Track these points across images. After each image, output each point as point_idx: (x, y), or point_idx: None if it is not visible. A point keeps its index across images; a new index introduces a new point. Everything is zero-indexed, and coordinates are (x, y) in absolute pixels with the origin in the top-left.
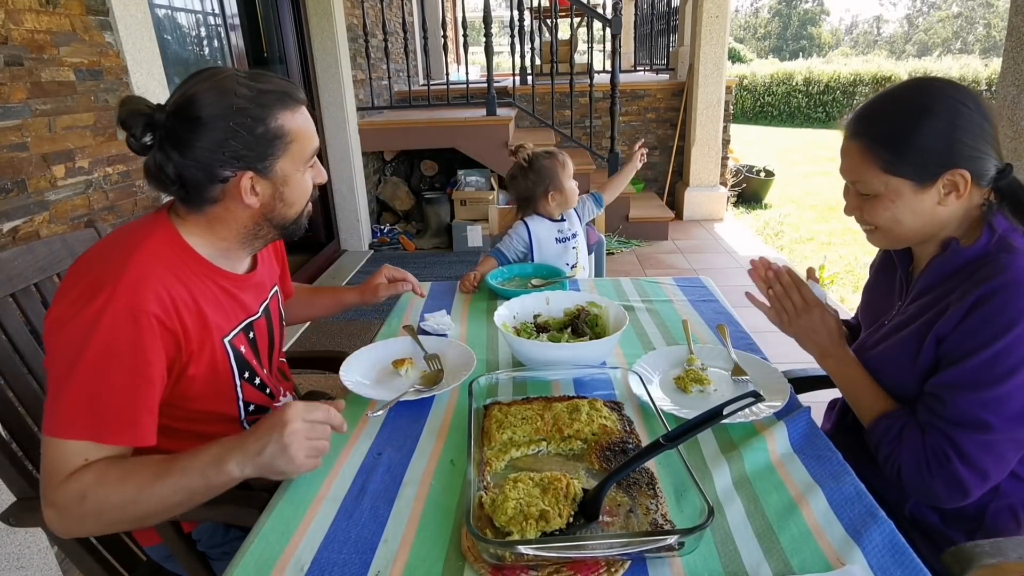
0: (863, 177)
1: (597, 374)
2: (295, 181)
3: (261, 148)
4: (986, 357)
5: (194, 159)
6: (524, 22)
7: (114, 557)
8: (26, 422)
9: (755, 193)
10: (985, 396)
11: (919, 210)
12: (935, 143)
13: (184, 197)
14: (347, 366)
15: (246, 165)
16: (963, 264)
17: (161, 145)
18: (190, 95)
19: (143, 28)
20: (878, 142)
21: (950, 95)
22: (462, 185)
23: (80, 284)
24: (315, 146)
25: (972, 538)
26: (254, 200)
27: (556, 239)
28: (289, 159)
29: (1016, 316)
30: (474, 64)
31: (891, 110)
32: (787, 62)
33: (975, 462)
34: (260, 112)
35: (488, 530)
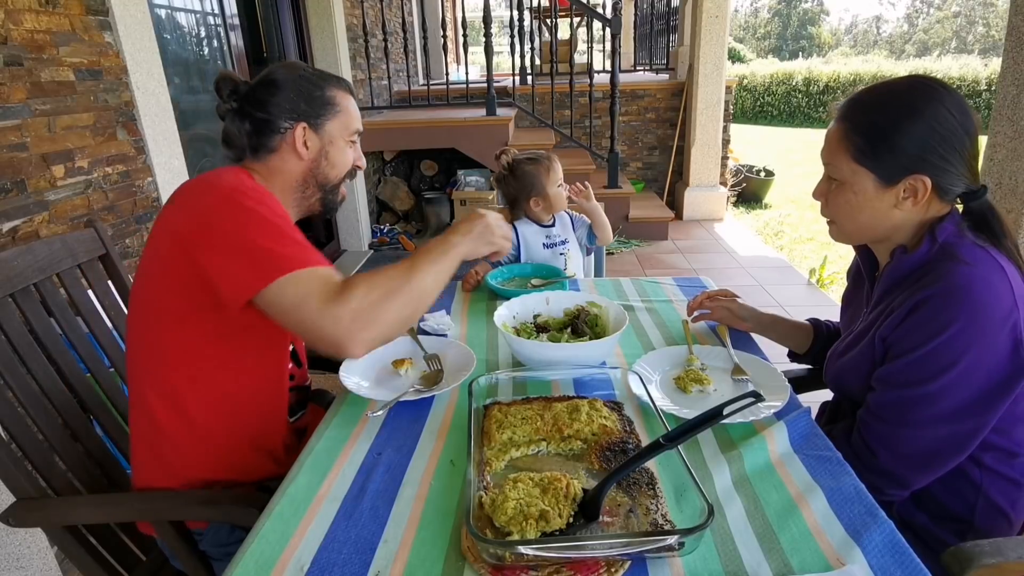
0: (835, 160)
1: (597, 374)
2: (339, 147)
3: (316, 107)
4: (916, 358)
5: (265, 112)
6: (524, 22)
7: (114, 557)
8: (26, 422)
9: (755, 193)
10: (911, 393)
11: (876, 208)
12: (909, 145)
13: (254, 146)
14: (347, 366)
15: (302, 118)
16: (908, 271)
17: (241, 107)
18: (268, 72)
19: (143, 28)
20: (857, 129)
21: (942, 102)
22: (462, 185)
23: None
24: (359, 126)
25: (963, 538)
26: (304, 151)
27: (544, 244)
28: (337, 124)
29: (947, 322)
30: (474, 64)
31: (881, 102)
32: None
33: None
34: (319, 82)
35: (488, 530)
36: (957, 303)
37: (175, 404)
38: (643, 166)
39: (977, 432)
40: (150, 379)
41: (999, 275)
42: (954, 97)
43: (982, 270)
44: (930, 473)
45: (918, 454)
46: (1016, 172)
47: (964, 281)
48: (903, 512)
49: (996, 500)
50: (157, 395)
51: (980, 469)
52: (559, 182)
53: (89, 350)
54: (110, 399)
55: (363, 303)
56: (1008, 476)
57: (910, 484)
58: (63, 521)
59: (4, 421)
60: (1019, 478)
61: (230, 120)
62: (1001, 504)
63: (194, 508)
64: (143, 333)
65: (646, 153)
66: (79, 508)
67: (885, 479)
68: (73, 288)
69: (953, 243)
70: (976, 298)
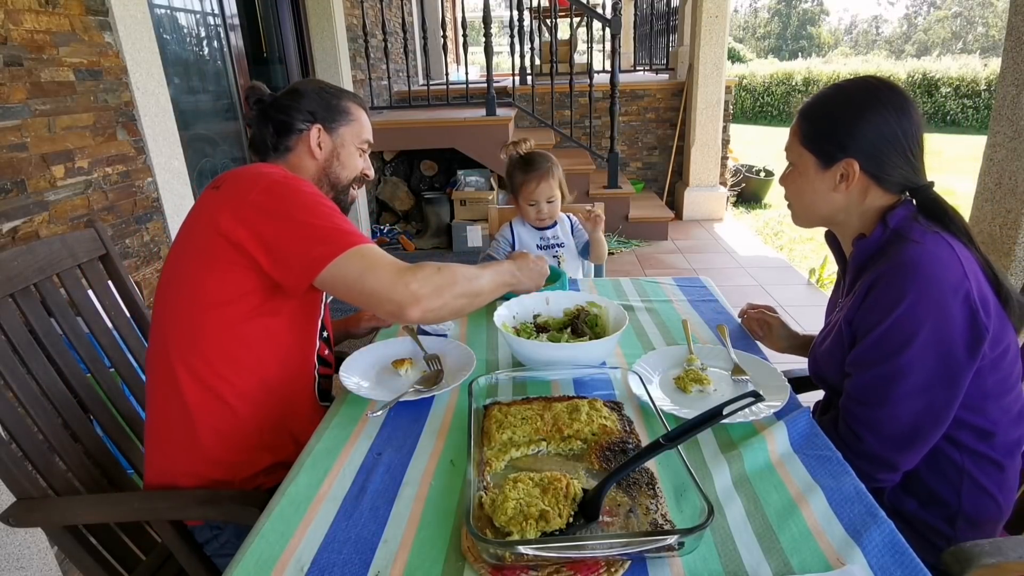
0: (791, 144)
1: (597, 374)
2: (350, 151)
3: (332, 113)
4: (878, 335)
5: (286, 115)
6: (524, 22)
7: (114, 557)
8: (26, 422)
9: (755, 193)
10: (880, 371)
11: (817, 189)
12: (841, 131)
13: (275, 145)
14: (347, 366)
15: (318, 120)
16: (867, 256)
17: (265, 112)
18: (294, 83)
19: (143, 28)
20: (807, 117)
21: (879, 99)
22: (462, 185)
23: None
24: (368, 137)
25: (952, 524)
26: (318, 151)
27: (538, 245)
28: (349, 130)
29: (899, 296)
30: (474, 64)
31: (830, 95)
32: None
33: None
34: (338, 94)
35: (488, 530)
36: (907, 277)
37: (210, 386)
38: (643, 166)
39: (951, 402)
40: (185, 362)
41: (947, 251)
42: (895, 92)
43: (929, 246)
44: (915, 450)
45: (900, 432)
46: (1016, 172)
47: (912, 257)
48: (893, 499)
49: (981, 481)
50: (192, 378)
51: (960, 450)
52: (533, 201)
53: (89, 350)
54: (110, 399)
55: (434, 278)
56: (989, 457)
57: (899, 465)
58: (63, 521)
59: (4, 421)
60: (1001, 459)
61: (255, 125)
62: (987, 485)
63: (194, 508)
64: (179, 317)
65: (646, 153)
66: (79, 508)
67: (875, 463)
68: (73, 288)
69: (904, 227)
70: (925, 271)
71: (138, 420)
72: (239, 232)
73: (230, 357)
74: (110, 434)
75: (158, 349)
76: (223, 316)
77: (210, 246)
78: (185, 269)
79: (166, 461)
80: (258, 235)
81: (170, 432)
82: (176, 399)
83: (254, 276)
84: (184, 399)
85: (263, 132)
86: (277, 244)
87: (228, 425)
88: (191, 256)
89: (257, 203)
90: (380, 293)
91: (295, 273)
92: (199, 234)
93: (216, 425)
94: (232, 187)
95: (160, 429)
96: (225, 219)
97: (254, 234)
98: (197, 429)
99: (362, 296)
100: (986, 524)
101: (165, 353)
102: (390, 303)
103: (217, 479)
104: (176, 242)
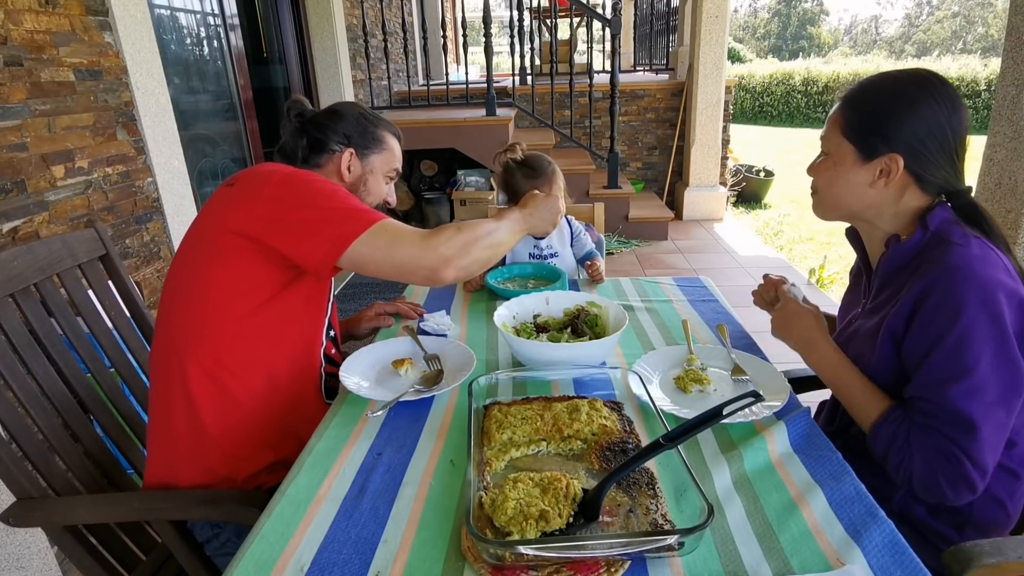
0: (829, 132)
1: (597, 374)
2: (377, 178)
3: (367, 140)
4: (947, 349)
5: (323, 133)
6: (524, 22)
7: (114, 557)
8: (26, 422)
9: (755, 193)
10: (967, 385)
11: (851, 181)
12: (890, 125)
13: (305, 157)
14: (347, 366)
15: (352, 145)
16: (905, 259)
17: (303, 126)
18: (337, 104)
19: (142, 28)
20: (852, 106)
21: (933, 95)
22: (462, 185)
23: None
24: (399, 165)
25: (961, 531)
26: (347, 174)
27: (531, 254)
28: (380, 159)
29: (958, 304)
30: (474, 64)
31: (879, 86)
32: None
33: (980, 461)
34: (375, 122)
35: (488, 530)
36: (961, 280)
37: (217, 380)
38: (643, 166)
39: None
40: (194, 356)
41: (992, 253)
42: (948, 94)
43: (975, 249)
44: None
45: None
46: (1016, 172)
47: (962, 261)
48: (901, 505)
49: (994, 491)
50: (201, 371)
51: None
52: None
53: (89, 350)
54: (110, 399)
55: (457, 237)
56: (1007, 466)
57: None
58: (63, 521)
59: (4, 421)
60: (1017, 468)
61: (289, 135)
62: (999, 495)
63: (194, 508)
64: (187, 311)
65: (646, 153)
66: (79, 508)
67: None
68: (73, 288)
69: (944, 230)
70: (978, 273)
71: (138, 420)
72: (256, 226)
73: (237, 351)
74: (110, 434)
75: (165, 344)
76: (231, 310)
77: (221, 241)
78: (193, 264)
79: (170, 458)
80: (278, 223)
81: (175, 429)
82: (182, 394)
83: (266, 268)
84: (191, 394)
85: (296, 143)
86: (300, 229)
87: (234, 419)
88: (200, 251)
89: (274, 196)
90: (411, 262)
91: (320, 254)
92: (210, 229)
93: (222, 420)
94: (247, 183)
95: (164, 426)
96: (239, 214)
97: (273, 224)
98: (203, 424)
99: (393, 268)
100: (993, 531)
101: (173, 347)
102: (423, 269)
103: (221, 476)
104: (186, 238)
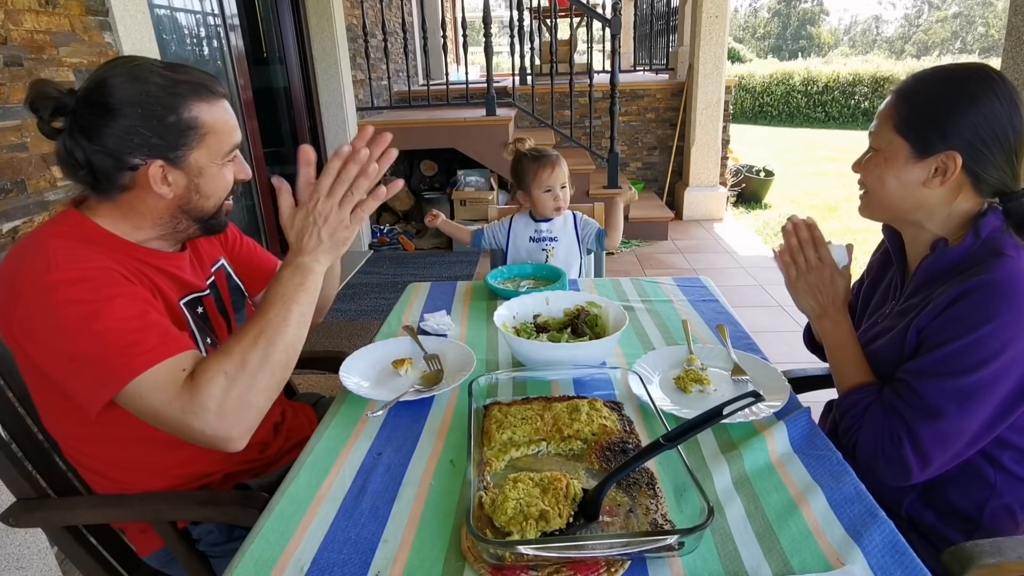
0: (880, 128)
1: (597, 374)
2: (211, 174)
3: (172, 137)
4: (957, 347)
5: (102, 145)
6: (524, 22)
7: (114, 558)
8: (26, 422)
9: (755, 193)
10: (949, 385)
11: (904, 180)
12: (950, 121)
13: (93, 184)
14: (347, 366)
15: (156, 154)
16: (950, 265)
17: (71, 130)
18: (101, 80)
19: (143, 28)
20: (908, 101)
21: (995, 92)
22: (462, 185)
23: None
24: (235, 140)
25: (970, 538)
26: (166, 190)
27: (531, 237)
28: (204, 151)
29: (992, 314)
30: (474, 64)
31: (938, 79)
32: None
33: (924, 449)
34: (172, 101)
35: (488, 530)
36: (1002, 296)
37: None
38: (643, 166)
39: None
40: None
41: None
42: (1009, 91)
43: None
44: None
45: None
46: None
47: (1010, 275)
48: (911, 509)
49: (1007, 501)
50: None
51: (996, 469)
52: (548, 187)
53: None
54: None
55: (226, 399)
56: (1022, 477)
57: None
58: (63, 521)
59: (4, 421)
60: None
61: (61, 143)
62: (1011, 503)
63: (194, 508)
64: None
65: (646, 153)
66: (79, 508)
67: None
68: None
69: (996, 239)
70: (1021, 293)
71: None
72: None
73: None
74: None
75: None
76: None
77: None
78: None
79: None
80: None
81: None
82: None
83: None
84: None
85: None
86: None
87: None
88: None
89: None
90: (182, 434)
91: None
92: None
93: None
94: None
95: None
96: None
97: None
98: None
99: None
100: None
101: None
102: (200, 444)
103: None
104: None
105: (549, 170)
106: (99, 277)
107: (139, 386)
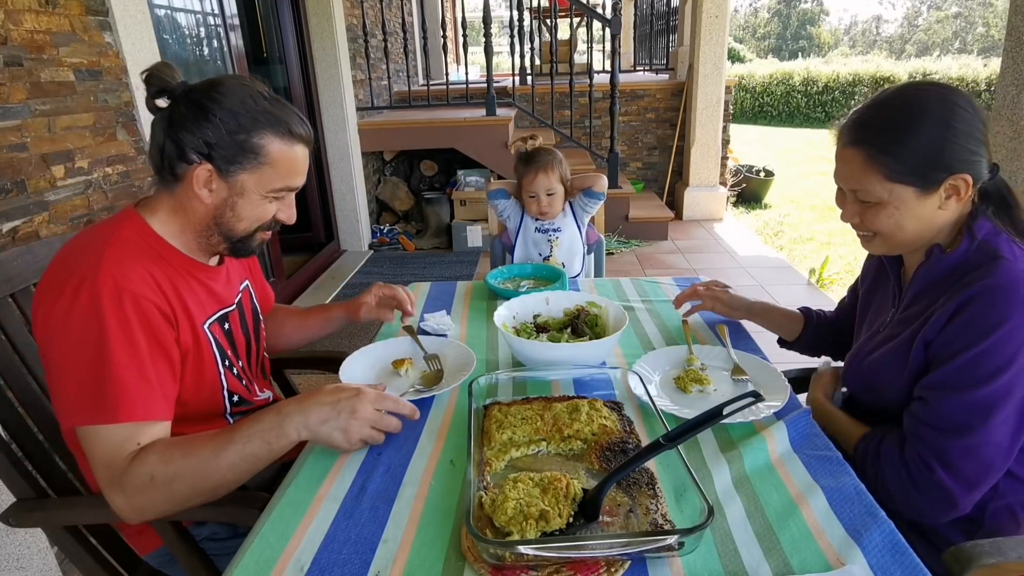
0: (865, 186)
1: (597, 374)
2: (252, 200)
3: (232, 152)
4: (969, 358)
5: (179, 135)
6: (524, 22)
7: (114, 558)
8: (26, 422)
9: (755, 193)
10: (969, 398)
11: (921, 215)
12: (935, 149)
13: (159, 167)
14: (347, 366)
15: (209, 157)
16: (948, 271)
17: (166, 113)
18: (213, 84)
19: (143, 28)
20: (880, 150)
21: (944, 97)
22: (462, 185)
23: (64, 282)
24: (291, 184)
25: (971, 538)
26: (206, 194)
27: (536, 228)
28: (256, 177)
29: (999, 319)
30: (474, 64)
31: (888, 116)
32: (786, 62)
33: (959, 469)
34: (250, 124)
35: (488, 530)
36: (1008, 299)
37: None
38: (643, 166)
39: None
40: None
41: None
42: (950, 89)
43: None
44: (987, 485)
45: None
46: (1016, 172)
47: (1012, 278)
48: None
49: (1008, 501)
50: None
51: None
52: (532, 192)
53: None
54: None
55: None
56: (1022, 477)
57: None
58: (63, 521)
59: (4, 421)
60: None
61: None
62: (1012, 505)
63: (194, 509)
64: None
65: (646, 153)
66: (79, 508)
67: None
68: None
69: (992, 240)
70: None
71: None
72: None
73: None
74: None
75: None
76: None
77: None
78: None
79: None
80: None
81: None
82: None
83: None
84: None
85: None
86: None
87: None
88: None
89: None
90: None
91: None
92: None
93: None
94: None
95: None
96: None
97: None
98: None
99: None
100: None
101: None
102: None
103: None
104: None
105: (532, 175)
106: (130, 310)
107: (98, 432)
